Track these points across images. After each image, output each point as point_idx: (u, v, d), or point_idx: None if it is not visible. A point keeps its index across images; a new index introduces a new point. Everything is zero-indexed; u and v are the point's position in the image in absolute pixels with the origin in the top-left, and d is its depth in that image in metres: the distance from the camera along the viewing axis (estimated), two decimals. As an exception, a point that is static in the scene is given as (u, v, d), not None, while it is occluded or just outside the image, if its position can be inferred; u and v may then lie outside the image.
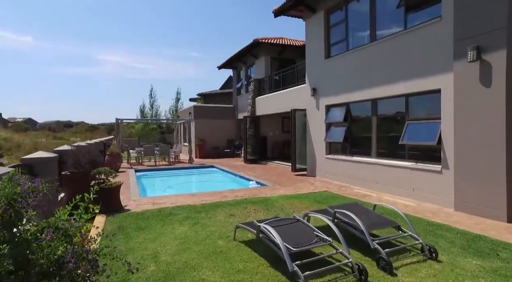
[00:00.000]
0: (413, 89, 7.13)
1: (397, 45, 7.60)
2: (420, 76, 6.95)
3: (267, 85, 16.00)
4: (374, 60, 8.31)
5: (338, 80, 9.73)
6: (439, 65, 6.52)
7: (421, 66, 6.94)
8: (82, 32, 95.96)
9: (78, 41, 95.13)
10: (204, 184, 11.22)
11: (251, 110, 16.65)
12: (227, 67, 21.69)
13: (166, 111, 37.22)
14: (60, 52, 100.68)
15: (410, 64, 7.23)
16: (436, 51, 6.60)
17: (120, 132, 14.57)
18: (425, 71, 6.83)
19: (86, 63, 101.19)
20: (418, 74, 7.00)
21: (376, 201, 7.11)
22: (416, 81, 7.05)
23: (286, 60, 16.88)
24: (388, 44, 7.85)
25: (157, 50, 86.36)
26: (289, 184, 9.57)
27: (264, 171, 12.83)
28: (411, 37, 7.22)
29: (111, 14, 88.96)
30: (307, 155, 11.43)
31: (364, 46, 8.69)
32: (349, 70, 9.26)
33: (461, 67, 6.04)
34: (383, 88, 8.02)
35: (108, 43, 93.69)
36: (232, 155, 19.18)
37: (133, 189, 8.86)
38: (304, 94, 11.71)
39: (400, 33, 7.51)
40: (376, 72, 8.23)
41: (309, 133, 11.30)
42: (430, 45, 6.74)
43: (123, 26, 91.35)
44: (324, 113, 10.44)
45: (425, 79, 6.82)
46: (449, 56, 6.30)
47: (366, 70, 8.61)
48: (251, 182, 10.21)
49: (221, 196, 7.85)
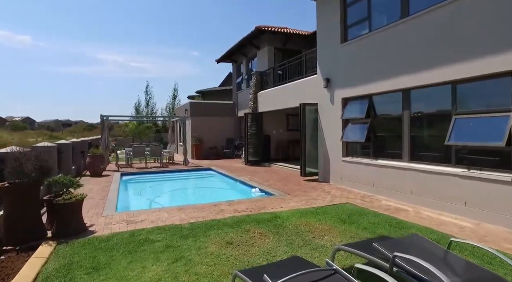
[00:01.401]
0: (467, 73, 5.48)
1: (442, 18, 5.95)
2: (478, 56, 5.29)
3: (271, 78, 14.35)
4: (407, 40, 6.67)
5: (358, 68, 8.10)
6: (506, 40, 4.88)
7: (481, 42, 5.29)
8: (82, 31, 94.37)
9: (78, 40, 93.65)
10: (198, 192, 9.59)
11: (252, 106, 15.02)
12: (226, 61, 20.03)
13: (162, 109, 35.59)
14: (59, 51, 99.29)
15: (463, 40, 5.58)
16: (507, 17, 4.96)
17: (105, 131, 12.94)
18: (488, 49, 5.18)
19: (86, 62, 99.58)
20: (475, 53, 5.35)
21: (415, 217, 5.47)
22: (471, 63, 5.40)
23: (291, 51, 15.20)
24: (429, 18, 6.20)
25: (157, 49, 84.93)
26: (300, 192, 7.94)
27: (268, 174, 11.20)
28: (469, 4, 5.57)
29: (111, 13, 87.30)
30: (319, 157, 9.80)
31: (393, 24, 7.04)
32: (372, 55, 7.63)
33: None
34: (419, 75, 6.38)
35: (108, 42, 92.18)
36: (232, 156, 17.56)
37: (110, 200, 7.24)
38: (315, 87, 10.08)
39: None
40: (409, 55, 6.59)
41: (321, 132, 9.67)
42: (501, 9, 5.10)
43: (123, 25, 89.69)
44: (340, 108, 8.81)
45: (487, 59, 5.17)
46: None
47: (394, 54, 6.97)
48: (254, 190, 8.59)
49: (217, 210, 6.22)
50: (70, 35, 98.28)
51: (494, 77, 5.16)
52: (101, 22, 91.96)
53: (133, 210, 6.43)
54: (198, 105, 19.16)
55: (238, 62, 19.32)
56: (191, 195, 9.25)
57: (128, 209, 7.18)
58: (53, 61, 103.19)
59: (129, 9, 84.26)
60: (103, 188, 8.86)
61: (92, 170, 11.24)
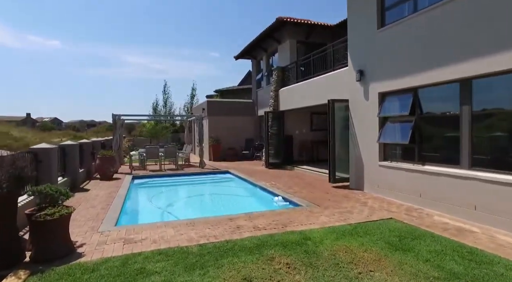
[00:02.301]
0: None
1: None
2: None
3: (293, 73, 13.20)
4: (466, 18, 5.37)
5: (399, 56, 6.84)
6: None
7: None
8: (107, 35, 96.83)
9: (103, 44, 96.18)
10: (213, 200, 8.60)
11: (273, 104, 13.92)
12: (245, 57, 19.02)
13: (180, 109, 35.05)
14: (85, 55, 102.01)
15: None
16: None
17: (117, 131, 12.22)
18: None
19: (110, 64, 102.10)
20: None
21: (491, 244, 4.21)
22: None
23: (315, 45, 13.93)
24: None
25: (177, 50, 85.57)
26: (331, 203, 6.78)
27: (291, 179, 10.08)
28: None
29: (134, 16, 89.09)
30: (351, 161, 8.57)
31: (448, 0, 5.76)
32: (418, 39, 6.35)
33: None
34: (485, 61, 5.08)
35: (131, 45, 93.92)
36: (251, 158, 16.55)
37: (113, 210, 6.36)
38: (345, 81, 8.87)
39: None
40: (472, 36, 5.30)
41: (353, 132, 8.45)
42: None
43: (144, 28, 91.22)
44: (376, 104, 7.57)
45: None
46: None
47: (450, 36, 5.68)
48: (277, 198, 7.50)
49: (233, 226, 5.18)
50: (96, 39, 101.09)
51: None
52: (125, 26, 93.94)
53: (135, 224, 5.50)
54: (215, 104, 18.28)
55: (258, 59, 18.27)
56: (205, 204, 8.28)
57: (133, 220, 6.29)
58: (80, 64, 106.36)
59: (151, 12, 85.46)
60: (109, 194, 8.04)
61: (101, 173, 10.51)
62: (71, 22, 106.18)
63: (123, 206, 6.81)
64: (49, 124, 74.06)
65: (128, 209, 6.94)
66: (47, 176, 6.76)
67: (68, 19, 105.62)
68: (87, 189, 8.95)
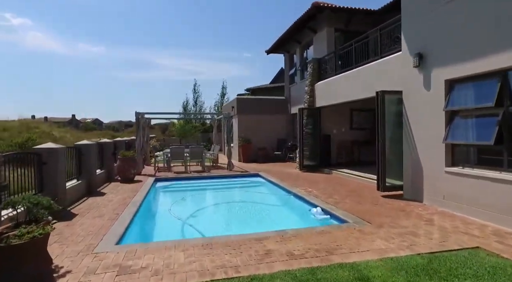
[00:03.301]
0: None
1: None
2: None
3: (331, 65, 11.75)
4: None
5: (476, 31, 5.26)
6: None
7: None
8: (145, 38, 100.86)
9: (141, 47, 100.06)
10: (239, 209, 7.44)
11: (308, 100, 12.54)
12: (277, 51, 17.76)
13: (211, 108, 34.47)
14: (126, 59, 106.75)
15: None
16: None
17: (140, 130, 11.48)
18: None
19: (147, 67, 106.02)
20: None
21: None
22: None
23: (356, 33, 12.32)
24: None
25: (211, 52, 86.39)
26: (385, 218, 5.36)
27: (330, 185, 8.69)
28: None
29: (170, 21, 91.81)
30: (405, 165, 7.05)
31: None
32: (506, 4, 4.76)
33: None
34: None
35: (167, 48, 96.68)
36: (284, 159, 15.28)
37: (121, 221, 5.41)
38: (397, 69, 7.37)
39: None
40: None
41: (407, 130, 6.92)
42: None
43: (179, 32, 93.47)
44: (441, 94, 6.02)
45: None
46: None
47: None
48: (315, 210, 6.20)
49: (261, 252, 3.97)
50: (135, 43, 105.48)
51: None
52: (162, 31, 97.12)
53: (140, 243, 4.45)
54: (246, 101, 17.20)
55: (291, 52, 16.94)
56: (230, 214, 7.14)
57: (143, 235, 5.32)
58: (120, 67, 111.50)
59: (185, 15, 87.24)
60: (124, 200, 7.17)
61: (122, 175, 9.77)
62: (115, 29, 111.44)
63: (134, 216, 5.85)
64: (90, 124, 77.74)
65: (141, 219, 5.97)
66: (52, 179, 6.00)
67: (112, 27, 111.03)
68: (104, 192, 8.19)
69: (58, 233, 4.81)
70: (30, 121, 37.12)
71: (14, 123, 33.03)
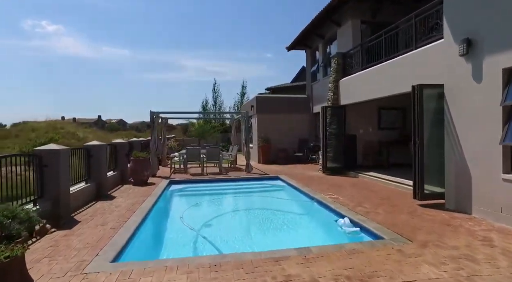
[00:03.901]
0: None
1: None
2: None
3: (357, 59, 10.80)
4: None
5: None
6: None
7: None
8: (170, 41, 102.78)
9: (165, 50, 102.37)
10: (256, 218, 6.70)
11: (332, 98, 11.66)
12: (298, 47, 16.95)
13: (230, 108, 33.97)
14: (149, 61, 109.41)
15: None
16: None
17: (155, 130, 11.03)
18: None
19: (170, 69, 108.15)
20: None
21: None
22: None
23: (384, 25, 11.31)
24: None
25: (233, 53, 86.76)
26: (428, 236, 4.48)
27: (358, 191, 7.82)
28: None
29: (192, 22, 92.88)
30: (447, 170, 6.09)
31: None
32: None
33: None
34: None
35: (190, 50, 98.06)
36: (306, 161, 14.43)
37: (123, 231, 4.84)
38: (436, 60, 6.45)
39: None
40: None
41: (451, 129, 5.97)
42: None
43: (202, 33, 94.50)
44: (497, 86, 5.05)
45: None
46: None
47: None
48: (342, 221, 5.39)
49: (279, 277, 3.25)
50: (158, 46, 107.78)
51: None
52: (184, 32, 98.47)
53: (139, 261, 3.83)
54: (265, 100, 16.49)
55: (313, 48, 16.07)
56: (245, 224, 6.43)
57: (145, 249, 4.73)
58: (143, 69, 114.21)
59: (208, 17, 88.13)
60: (132, 205, 6.65)
61: (135, 177, 9.31)
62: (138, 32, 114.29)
63: (140, 225, 5.29)
64: (115, 125, 79.92)
65: (147, 229, 5.40)
66: (53, 183, 5.53)
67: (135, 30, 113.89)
68: (114, 196, 7.73)
69: (52, 245, 4.30)
70: (57, 122, 38.07)
71: (42, 124, 34.05)
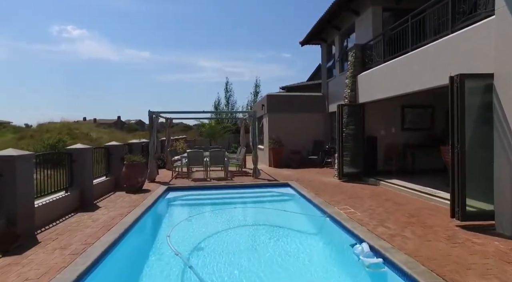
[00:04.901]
0: None
1: None
2: None
3: (378, 51, 9.51)
4: None
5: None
6: None
7: None
8: (189, 43, 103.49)
9: (185, 51, 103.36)
10: (256, 239, 5.55)
11: (350, 95, 10.41)
12: (313, 42, 15.72)
13: (243, 107, 32.93)
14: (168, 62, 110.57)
15: None
16: None
17: (154, 131, 10.12)
18: None
19: (189, 70, 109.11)
20: None
21: None
22: None
23: (410, 12, 9.97)
24: None
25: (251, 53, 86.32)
26: (482, 279, 3.25)
27: (379, 204, 6.59)
28: None
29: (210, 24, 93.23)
30: (497, 182, 4.80)
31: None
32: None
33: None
34: None
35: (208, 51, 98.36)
36: (321, 164, 13.21)
37: (82, 259, 3.87)
38: (482, 43, 5.16)
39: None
40: None
41: (502, 130, 4.68)
42: None
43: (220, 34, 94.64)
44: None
45: None
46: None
47: None
48: (360, 248, 4.21)
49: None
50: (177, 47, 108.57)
51: None
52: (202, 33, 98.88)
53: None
54: (277, 98, 15.34)
55: (329, 42, 14.81)
56: (242, 248, 5.23)
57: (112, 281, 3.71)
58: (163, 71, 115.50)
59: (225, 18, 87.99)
60: (112, 218, 5.72)
61: (128, 183, 8.42)
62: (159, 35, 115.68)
63: (110, 247, 4.31)
64: (134, 125, 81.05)
65: (118, 254, 4.39)
66: (9, 196, 4.63)
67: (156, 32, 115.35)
68: (99, 206, 6.85)
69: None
70: (71, 123, 38.29)
71: (56, 125, 34.26)
